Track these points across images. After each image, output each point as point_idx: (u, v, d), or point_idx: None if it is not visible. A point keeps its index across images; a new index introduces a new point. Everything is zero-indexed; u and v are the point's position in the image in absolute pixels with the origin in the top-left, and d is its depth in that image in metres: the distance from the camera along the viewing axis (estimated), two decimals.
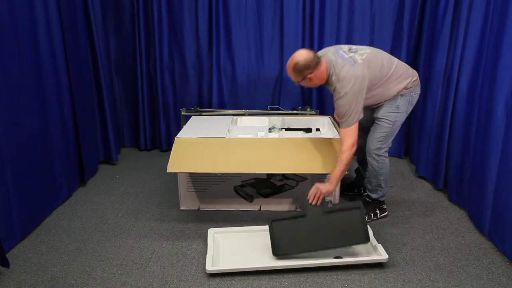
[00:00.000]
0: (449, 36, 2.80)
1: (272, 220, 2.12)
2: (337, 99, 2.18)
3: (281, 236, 2.08)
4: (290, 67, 2.20)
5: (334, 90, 2.20)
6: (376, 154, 2.37)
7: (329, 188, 2.14)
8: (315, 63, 2.17)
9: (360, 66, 2.17)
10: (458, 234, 2.34)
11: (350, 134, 2.17)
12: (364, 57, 2.22)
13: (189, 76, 3.66)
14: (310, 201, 2.12)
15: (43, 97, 2.50)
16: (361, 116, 2.19)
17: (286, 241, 2.07)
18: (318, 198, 2.11)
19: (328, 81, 2.25)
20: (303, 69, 2.16)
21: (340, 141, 2.22)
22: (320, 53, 2.32)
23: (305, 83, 2.25)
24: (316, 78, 2.21)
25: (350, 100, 2.13)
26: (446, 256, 2.12)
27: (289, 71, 2.22)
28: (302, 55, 2.16)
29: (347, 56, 2.22)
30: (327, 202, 2.18)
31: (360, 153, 2.71)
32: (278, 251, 2.06)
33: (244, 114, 3.29)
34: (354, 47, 2.31)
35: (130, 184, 3.09)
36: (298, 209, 2.44)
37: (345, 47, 2.32)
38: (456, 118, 2.69)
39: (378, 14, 3.37)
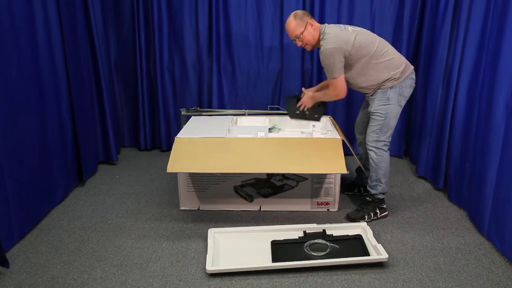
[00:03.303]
0: (449, 36, 2.80)
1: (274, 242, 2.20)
2: (320, 53, 2.39)
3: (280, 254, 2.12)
4: (290, 18, 2.43)
5: (319, 48, 2.42)
6: (374, 147, 2.44)
7: (310, 103, 2.73)
8: (309, 14, 2.45)
9: (347, 32, 2.38)
10: (458, 234, 2.34)
11: (338, 83, 2.40)
12: (356, 29, 2.43)
13: (189, 76, 3.66)
14: (301, 107, 2.75)
15: (41, 97, 2.50)
16: (342, 72, 2.37)
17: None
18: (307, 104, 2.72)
19: (319, 42, 2.44)
20: (304, 15, 2.42)
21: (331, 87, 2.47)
22: None
23: (306, 35, 2.42)
24: (315, 30, 2.42)
25: (328, 55, 2.33)
26: (446, 256, 2.12)
27: (290, 22, 2.42)
28: (297, 10, 2.47)
29: (341, 25, 2.46)
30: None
31: (362, 149, 2.74)
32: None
33: (244, 114, 3.29)
34: (352, 26, 2.51)
35: (130, 184, 3.09)
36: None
37: (341, 24, 2.51)
38: (456, 118, 2.69)
39: (378, 14, 3.37)
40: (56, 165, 2.67)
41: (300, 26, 2.40)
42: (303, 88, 2.82)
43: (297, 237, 2.24)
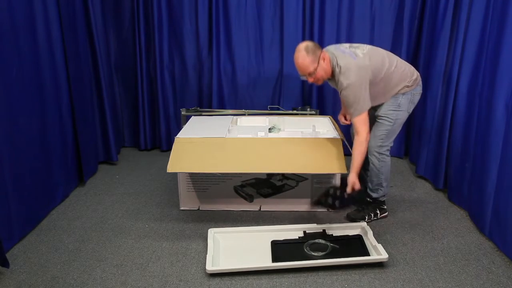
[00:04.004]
0: (449, 36, 2.80)
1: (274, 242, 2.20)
2: (341, 90, 2.21)
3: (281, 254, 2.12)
4: (302, 53, 2.18)
5: (338, 82, 2.23)
6: (377, 152, 2.37)
7: (355, 177, 2.26)
8: (319, 46, 2.23)
9: (361, 59, 2.21)
10: (458, 234, 2.34)
11: (363, 122, 2.22)
12: (365, 51, 2.26)
13: (189, 76, 3.66)
14: (349, 191, 2.27)
15: (42, 97, 2.50)
16: (369, 105, 2.22)
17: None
18: (354, 186, 2.27)
19: (332, 74, 2.28)
20: (316, 49, 2.19)
21: (355, 130, 2.25)
22: None
23: (320, 71, 2.22)
24: (327, 63, 2.22)
25: (355, 90, 2.17)
26: (446, 256, 2.12)
27: (304, 58, 2.18)
28: (305, 41, 2.23)
29: (347, 50, 2.26)
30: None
31: None
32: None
33: (244, 114, 3.29)
34: (354, 44, 2.34)
35: (130, 184, 3.09)
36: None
37: (345, 44, 2.35)
38: (456, 118, 2.69)
39: (378, 14, 3.37)
40: (57, 165, 2.67)
41: (314, 62, 2.18)
42: (339, 116, 2.71)
43: (297, 237, 2.24)
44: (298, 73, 2.28)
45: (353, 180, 2.25)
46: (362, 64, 2.18)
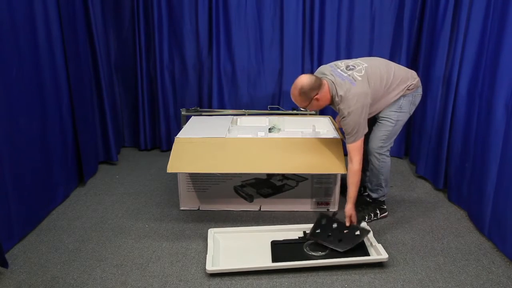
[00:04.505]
0: (449, 37, 2.80)
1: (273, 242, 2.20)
2: (342, 118, 2.21)
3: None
4: (295, 93, 2.20)
5: (339, 110, 2.24)
6: (378, 153, 2.37)
7: (352, 208, 2.26)
8: (318, 84, 2.19)
9: (360, 83, 2.19)
10: (458, 234, 2.34)
11: (358, 150, 2.22)
12: (362, 73, 2.23)
13: (189, 76, 3.66)
14: (348, 224, 2.24)
15: (42, 98, 2.50)
16: (366, 130, 2.23)
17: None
18: (351, 218, 2.26)
19: (332, 101, 2.27)
20: (309, 92, 2.17)
21: (349, 158, 2.24)
22: (317, 73, 2.35)
23: (312, 107, 2.25)
24: (322, 100, 2.23)
25: (355, 118, 2.17)
26: (446, 256, 2.12)
27: (295, 97, 2.21)
28: (304, 79, 2.19)
29: (345, 75, 2.23)
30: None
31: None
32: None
33: (244, 114, 3.29)
34: (350, 63, 2.31)
35: (130, 184, 3.09)
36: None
37: (342, 64, 2.32)
38: (456, 118, 2.69)
39: (378, 15, 3.37)
40: (57, 165, 2.67)
41: (305, 102, 2.21)
42: (336, 118, 2.63)
43: (297, 237, 2.24)
44: (297, 71, 2.29)
45: (350, 213, 2.24)
46: (361, 91, 2.17)
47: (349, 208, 2.25)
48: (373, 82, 2.23)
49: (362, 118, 2.18)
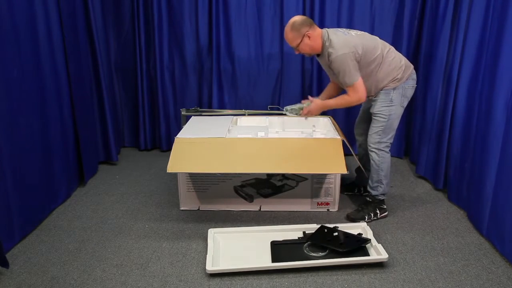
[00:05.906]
0: (449, 36, 2.80)
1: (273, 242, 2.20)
2: (331, 62, 2.33)
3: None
4: (287, 30, 2.37)
5: (328, 55, 2.34)
6: (376, 148, 2.43)
7: (317, 111, 2.59)
8: (310, 23, 2.37)
9: (353, 36, 2.35)
10: (458, 234, 2.34)
11: (356, 89, 2.33)
12: (359, 33, 2.41)
13: (189, 76, 3.66)
14: (305, 114, 2.61)
15: (42, 98, 2.50)
16: (359, 76, 2.32)
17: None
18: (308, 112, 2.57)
19: (322, 50, 2.39)
20: (301, 26, 2.33)
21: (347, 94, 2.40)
22: None
23: (303, 46, 2.38)
24: (313, 39, 2.36)
25: (343, 60, 2.27)
26: (446, 256, 2.12)
27: (287, 34, 2.38)
28: (297, 16, 2.40)
29: (342, 30, 2.42)
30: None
31: (362, 150, 2.74)
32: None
33: (244, 114, 3.28)
34: (353, 29, 2.48)
35: (130, 184, 3.09)
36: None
37: (341, 29, 2.47)
38: (456, 118, 2.69)
39: (378, 14, 3.37)
40: (58, 165, 2.67)
41: (296, 38, 2.36)
42: (309, 97, 2.76)
43: (297, 238, 2.24)
44: (297, 71, 2.37)
45: (317, 104, 2.57)
46: (351, 40, 2.31)
47: (315, 104, 2.55)
48: (367, 41, 2.36)
49: (349, 61, 2.27)
